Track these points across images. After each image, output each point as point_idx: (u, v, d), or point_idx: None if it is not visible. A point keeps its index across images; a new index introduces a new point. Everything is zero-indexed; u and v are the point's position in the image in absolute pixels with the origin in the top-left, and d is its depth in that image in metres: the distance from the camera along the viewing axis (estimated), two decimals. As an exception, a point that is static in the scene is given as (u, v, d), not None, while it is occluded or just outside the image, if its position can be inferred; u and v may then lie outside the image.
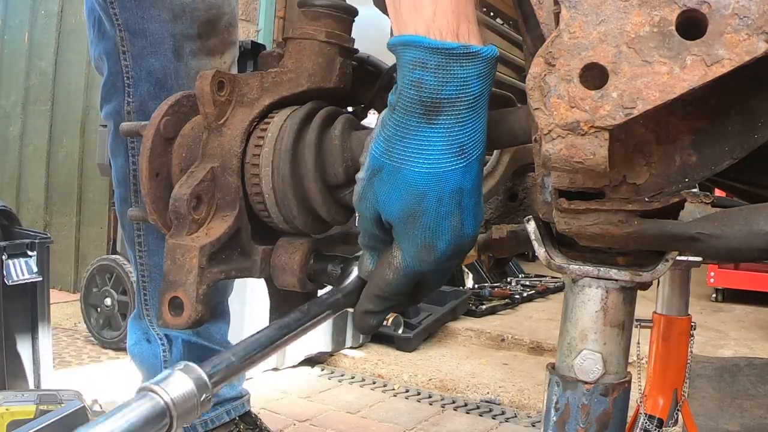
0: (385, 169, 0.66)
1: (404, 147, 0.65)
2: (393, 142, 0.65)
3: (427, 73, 0.62)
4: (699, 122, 0.57)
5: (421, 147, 0.64)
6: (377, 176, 0.67)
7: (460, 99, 0.63)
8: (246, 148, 0.80)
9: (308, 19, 0.85)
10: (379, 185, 0.67)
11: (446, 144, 0.64)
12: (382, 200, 0.67)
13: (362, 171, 0.69)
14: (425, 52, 0.61)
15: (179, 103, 0.83)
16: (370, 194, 0.68)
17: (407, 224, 0.67)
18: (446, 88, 0.62)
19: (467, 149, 0.65)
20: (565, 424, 0.63)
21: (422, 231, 0.67)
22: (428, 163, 0.64)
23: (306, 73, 0.84)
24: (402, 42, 0.63)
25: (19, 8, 4.20)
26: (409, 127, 0.64)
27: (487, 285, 4.03)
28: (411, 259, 0.69)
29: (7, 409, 1.61)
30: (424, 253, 0.68)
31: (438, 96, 0.62)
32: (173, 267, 0.76)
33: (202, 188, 0.78)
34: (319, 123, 0.80)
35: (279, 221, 0.81)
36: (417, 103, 0.63)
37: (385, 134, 0.66)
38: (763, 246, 0.55)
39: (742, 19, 0.47)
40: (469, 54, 0.62)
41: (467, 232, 0.68)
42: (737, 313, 3.98)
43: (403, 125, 0.64)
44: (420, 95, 0.62)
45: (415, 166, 0.65)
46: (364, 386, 2.59)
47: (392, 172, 0.66)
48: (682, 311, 1.46)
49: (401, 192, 0.66)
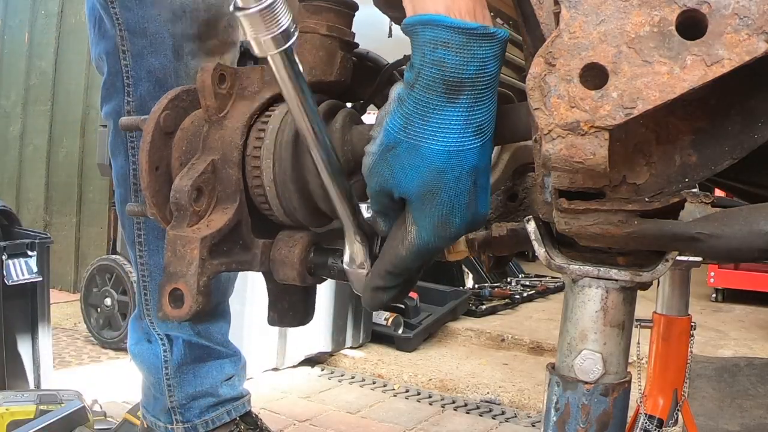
0: (401, 145, 0.66)
1: (425, 125, 0.65)
2: (412, 120, 0.66)
3: (449, 53, 0.62)
4: (699, 122, 0.57)
5: (441, 126, 0.65)
6: (392, 152, 0.67)
7: (480, 78, 0.64)
8: (247, 141, 0.80)
9: (309, 12, 0.85)
10: (395, 161, 0.67)
11: (466, 123, 0.65)
12: (398, 176, 0.68)
13: (373, 145, 0.69)
14: (448, 31, 0.62)
15: (179, 98, 0.83)
16: (384, 169, 0.68)
17: (425, 201, 0.68)
18: (468, 67, 0.63)
19: (484, 128, 0.66)
20: (565, 424, 0.63)
21: (440, 208, 0.68)
22: (449, 142, 0.65)
23: (307, 67, 0.84)
24: (422, 21, 0.63)
25: (19, 8, 4.20)
26: (430, 105, 0.65)
27: (487, 285, 4.03)
28: (427, 235, 0.70)
29: (7, 409, 1.61)
30: (441, 229, 0.69)
31: (460, 75, 0.63)
32: (174, 258, 0.76)
33: (202, 180, 0.78)
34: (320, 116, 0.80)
35: (279, 214, 0.81)
36: (439, 82, 0.63)
37: (403, 111, 0.66)
38: (763, 246, 0.55)
39: (742, 19, 0.47)
40: (488, 35, 0.63)
41: (481, 210, 0.69)
42: (737, 313, 3.98)
43: (423, 104, 0.65)
44: (442, 74, 0.63)
45: (435, 144, 0.65)
46: (364, 386, 2.59)
47: (410, 149, 0.66)
48: (682, 311, 1.46)
49: (419, 169, 0.66)
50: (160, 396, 1.46)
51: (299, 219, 0.81)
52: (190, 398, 1.45)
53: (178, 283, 0.75)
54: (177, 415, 1.45)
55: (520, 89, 0.88)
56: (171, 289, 0.75)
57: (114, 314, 2.89)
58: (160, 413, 1.47)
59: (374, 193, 0.71)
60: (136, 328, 1.50)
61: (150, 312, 1.45)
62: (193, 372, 1.45)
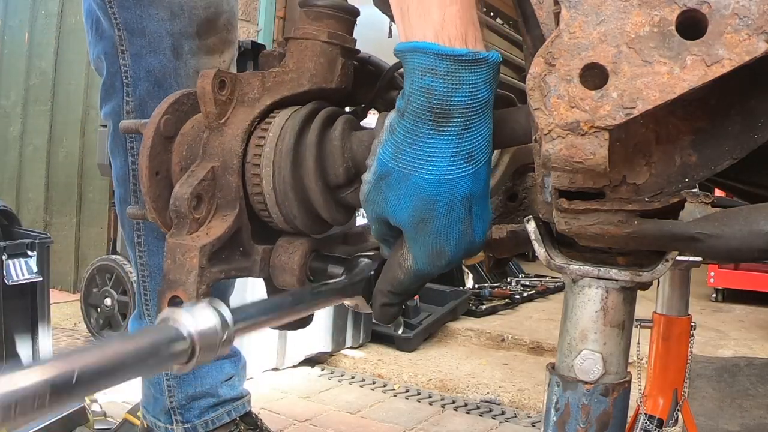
0: (393, 174, 0.67)
1: (414, 154, 0.65)
2: (402, 149, 0.65)
3: (437, 80, 0.62)
4: (699, 122, 0.57)
5: (430, 154, 0.64)
6: (384, 181, 0.67)
7: (469, 106, 0.63)
8: (247, 148, 0.80)
9: (310, 19, 0.85)
10: (388, 190, 0.67)
11: (455, 151, 0.64)
12: (391, 205, 0.68)
13: (369, 174, 0.69)
14: (435, 58, 0.62)
15: (179, 102, 0.83)
16: (378, 198, 0.69)
17: (417, 230, 0.68)
18: (456, 94, 0.62)
19: (475, 155, 0.65)
20: (565, 424, 0.63)
21: (433, 237, 0.67)
22: (438, 170, 0.65)
23: (308, 74, 0.84)
24: (411, 48, 0.63)
25: (19, 8, 4.20)
26: (419, 134, 0.64)
27: (487, 285, 4.03)
28: (422, 264, 0.70)
29: (7, 409, 1.61)
30: (435, 258, 0.69)
31: (448, 103, 0.62)
32: (173, 266, 0.76)
33: (202, 187, 0.78)
34: (319, 123, 0.80)
35: (279, 221, 0.81)
36: (427, 110, 0.63)
37: (394, 140, 0.66)
38: (763, 246, 0.55)
39: (742, 19, 0.47)
40: (477, 60, 0.62)
41: (476, 239, 0.69)
42: (737, 313, 3.98)
43: (412, 132, 0.65)
44: (430, 102, 0.63)
45: (424, 173, 0.65)
46: (364, 386, 2.59)
47: (401, 179, 0.66)
48: (682, 311, 1.46)
49: (411, 198, 0.66)
50: (159, 396, 1.46)
51: (299, 226, 0.81)
52: (189, 398, 1.45)
53: (177, 291, 0.75)
54: (177, 415, 1.45)
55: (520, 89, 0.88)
56: (170, 297, 0.76)
57: (114, 314, 2.89)
58: (160, 413, 1.47)
59: (372, 221, 0.72)
60: (136, 328, 1.50)
61: (150, 312, 1.45)
62: (192, 372, 1.45)
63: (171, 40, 1.29)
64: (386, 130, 0.67)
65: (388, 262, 0.74)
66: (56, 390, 0.42)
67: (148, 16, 1.27)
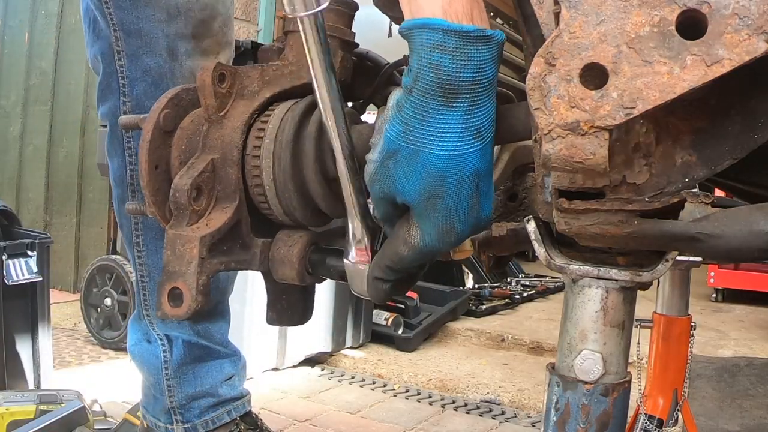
0: (401, 151, 0.66)
1: (423, 130, 0.65)
2: (411, 125, 0.65)
3: (445, 56, 0.62)
4: (699, 122, 0.57)
5: (440, 130, 0.65)
6: (393, 159, 0.67)
7: (477, 82, 0.63)
8: (246, 140, 0.80)
9: None
10: (396, 168, 0.67)
11: (464, 127, 0.65)
12: (399, 182, 0.67)
13: (374, 153, 0.69)
14: (444, 34, 0.62)
15: (179, 96, 0.83)
16: (386, 176, 0.68)
17: (427, 206, 0.67)
18: (464, 71, 0.63)
19: (483, 132, 0.66)
20: (565, 424, 0.63)
21: (443, 213, 0.68)
22: (448, 146, 0.65)
23: (306, 66, 0.84)
24: (418, 24, 0.63)
25: (19, 8, 4.20)
26: (428, 109, 0.64)
27: (487, 285, 4.03)
28: (431, 240, 0.70)
29: (7, 409, 1.61)
30: (445, 234, 0.69)
31: (457, 79, 0.63)
32: (173, 257, 0.76)
33: (202, 179, 0.78)
34: (319, 116, 0.80)
35: (279, 213, 0.81)
36: (436, 86, 0.63)
37: (402, 117, 0.66)
38: (763, 246, 0.55)
39: (742, 19, 0.47)
40: (485, 37, 0.62)
41: (484, 214, 0.69)
42: (737, 313, 3.98)
43: (421, 108, 0.65)
44: (439, 78, 0.63)
45: (434, 149, 0.65)
46: (364, 386, 2.59)
47: (410, 155, 0.66)
48: (682, 311, 1.46)
49: (420, 175, 0.66)
50: (160, 396, 1.46)
51: (298, 218, 0.81)
52: (190, 398, 1.45)
53: (177, 282, 0.75)
54: (177, 415, 1.45)
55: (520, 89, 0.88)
56: (170, 288, 0.75)
57: (114, 314, 2.89)
58: (160, 413, 1.47)
59: (377, 201, 0.71)
60: (135, 328, 1.50)
61: (149, 312, 1.45)
62: (192, 372, 1.45)
63: (167, 42, 1.29)
64: (392, 108, 0.67)
65: (389, 240, 0.74)
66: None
67: (144, 17, 1.27)
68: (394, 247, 0.72)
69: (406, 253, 0.71)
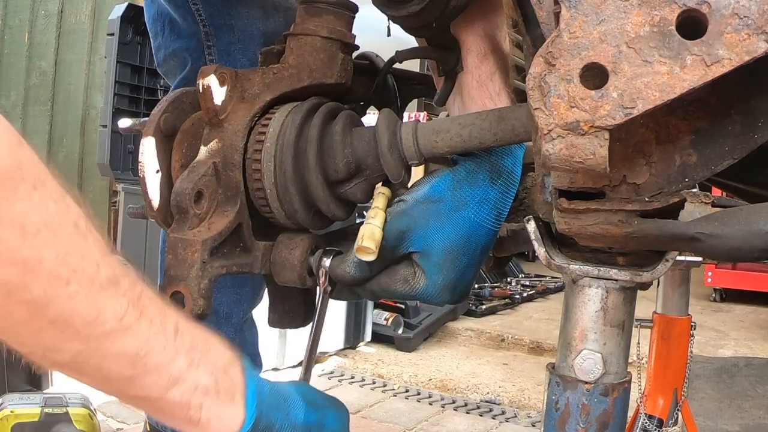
0: (445, 202, 0.74)
1: (472, 193, 0.74)
2: (462, 185, 0.74)
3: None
4: (699, 122, 0.57)
5: (482, 199, 0.75)
6: (433, 204, 0.74)
7: (513, 173, 0.76)
8: (248, 144, 0.80)
9: (310, 15, 0.85)
10: (432, 214, 0.74)
11: (498, 206, 0.75)
12: (431, 228, 0.74)
13: (415, 193, 0.75)
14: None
15: (179, 100, 0.83)
16: (419, 216, 0.74)
17: (446, 259, 0.74)
18: (507, 159, 0.76)
19: (502, 216, 0.76)
20: (565, 424, 0.63)
21: (455, 270, 0.75)
22: (484, 216, 0.75)
23: (307, 69, 0.84)
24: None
25: (19, 8, 4.20)
26: (477, 178, 0.75)
27: (487, 285, 4.03)
28: (433, 289, 0.76)
29: (12, 412, 1.60)
30: (445, 290, 0.76)
31: (500, 163, 0.76)
32: (175, 262, 0.76)
33: (203, 183, 0.78)
34: (321, 119, 0.80)
35: (280, 216, 0.81)
36: (486, 161, 0.76)
37: (455, 175, 0.75)
38: (763, 246, 0.55)
39: (742, 19, 0.47)
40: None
41: (470, 289, 0.79)
42: (737, 313, 3.98)
43: (473, 173, 0.75)
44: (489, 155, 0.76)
45: (475, 214, 0.74)
46: (364, 386, 2.59)
47: (452, 209, 0.74)
48: (682, 311, 1.46)
49: (453, 229, 0.74)
50: None
51: (300, 221, 0.81)
52: None
53: (179, 286, 0.75)
54: None
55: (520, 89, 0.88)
56: (172, 292, 0.75)
57: (114, 314, 2.88)
58: None
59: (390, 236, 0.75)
60: None
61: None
62: None
63: (263, 39, 1.27)
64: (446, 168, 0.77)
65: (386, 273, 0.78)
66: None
67: (236, 14, 1.26)
68: (390, 282, 0.78)
69: (401, 291, 0.77)
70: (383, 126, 0.77)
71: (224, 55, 1.28)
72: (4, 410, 1.59)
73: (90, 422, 1.61)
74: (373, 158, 0.78)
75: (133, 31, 3.05)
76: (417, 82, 1.02)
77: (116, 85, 3.06)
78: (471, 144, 0.74)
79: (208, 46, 1.29)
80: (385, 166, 0.77)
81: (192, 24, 1.29)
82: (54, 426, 1.57)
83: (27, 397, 1.66)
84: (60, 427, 1.57)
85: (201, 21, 1.27)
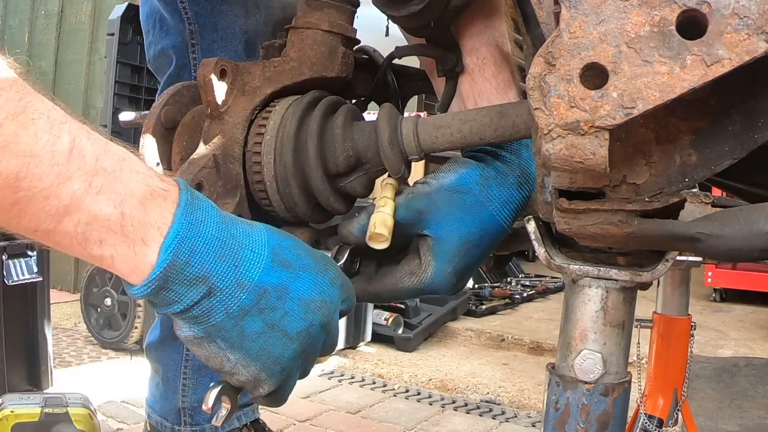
0: (471, 195, 0.76)
1: (499, 192, 0.77)
2: (490, 182, 0.77)
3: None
4: (699, 122, 0.57)
5: (506, 199, 0.78)
6: (458, 195, 0.75)
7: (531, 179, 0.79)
8: (248, 136, 0.80)
9: (311, 8, 0.85)
10: (457, 205, 0.76)
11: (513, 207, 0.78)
12: (453, 216, 0.75)
13: (441, 179, 0.77)
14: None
15: (180, 93, 0.83)
16: (442, 203, 0.76)
17: (461, 248, 0.76)
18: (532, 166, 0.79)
19: (514, 219, 0.79)
20: (565, 424, 0.63)
21: (467, 261, 0.77)
22: (503, 214, 0.78)
23: (308, 62, 0.84)
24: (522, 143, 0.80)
25: (19, 8, 4.20)
26: (507, 181, 0.78)
27: (487, 285, 4.02)
28: (441, 278, 0.77)
29: (12, 412, 1.60)
30: (454, 278, 0.77)
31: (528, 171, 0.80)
32: None
33: (203, 175, 0.78)
34: (321, 112, 0.80)
35: (280, 209, 0.81)
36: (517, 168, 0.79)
37: (483, 172, 0.77)
38: (763, 246, 0.55)
39: (742, 19, 0.47)
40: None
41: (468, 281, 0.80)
42: (737, 313, 3.98)
43: (503, 174, 0.78)
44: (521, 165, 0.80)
45: (497, 212, 0.77)
46: (364, 386, 2.58)
47: (478, 203, 0.76)
48: (682, 311, 1.46)
49: (474, 222, 0.76)
50: (171, 395, 1.43)
51: (300, 214, 0.81)
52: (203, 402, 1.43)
53: None
54: (186, 416, 1.43)
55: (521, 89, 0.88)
56: None
57: (114, 314, 2.88)
58: (169, 413, 1.45)
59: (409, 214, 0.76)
60: (167, 323, 1.47)
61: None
62: (211, 376, 1.43)
63: (245, 38, 1.27)
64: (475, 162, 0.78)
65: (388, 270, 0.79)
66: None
67: (220, 12, 1.26)
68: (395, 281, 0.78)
69: (408, 286, 0.77)
70: (384, 120, 0.77)
71: (207, 54, 1.28)
72: (4, 410, 1.59)
73: (90, 422, 1.61)
74: (374, 152, 0.78)
75: (133, 31, 3.05)
76: (417, 79, 1.02)
77: (116, 85, 3.06)
78: (472, 140, 0.75)
79: (192, 44, 1.29)
80: (386, 160, 0.77)
81: (179, 22, 1.30)
82: (54, 426, 1.57)
83: (27, 397, 1.66)
84: (60, 427, 1.57)
85: (187, 19, 1.28)
